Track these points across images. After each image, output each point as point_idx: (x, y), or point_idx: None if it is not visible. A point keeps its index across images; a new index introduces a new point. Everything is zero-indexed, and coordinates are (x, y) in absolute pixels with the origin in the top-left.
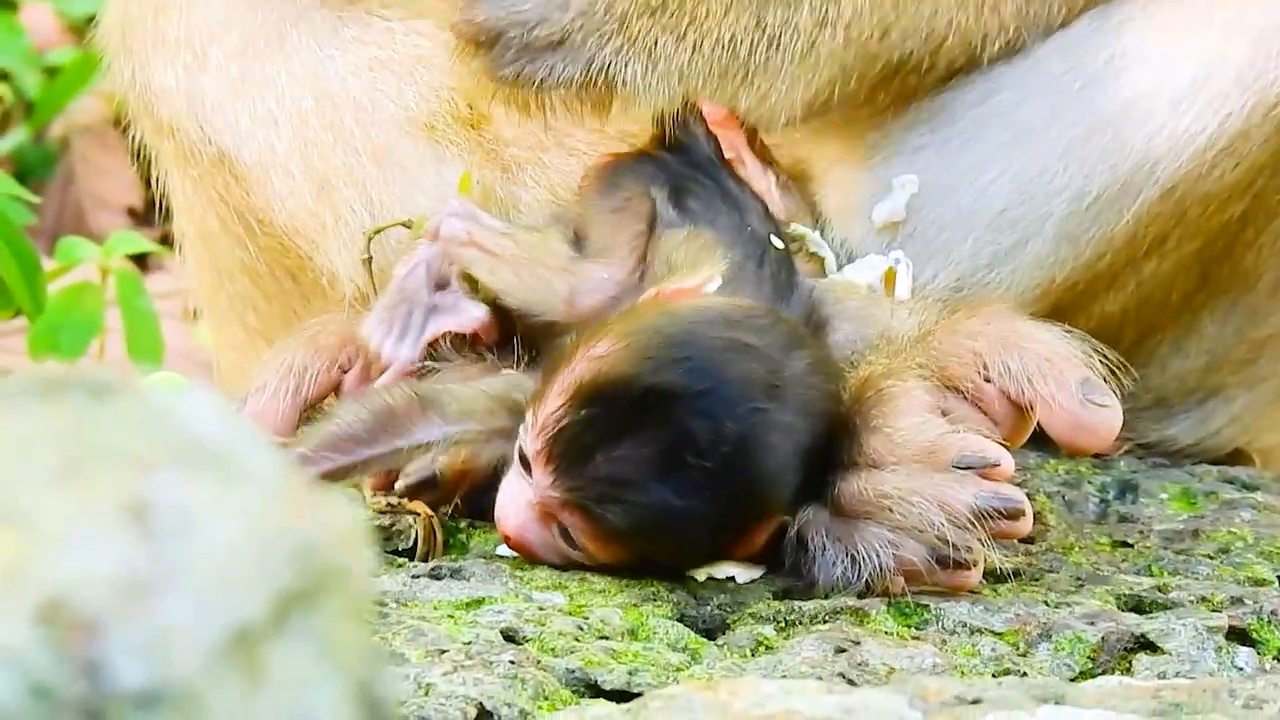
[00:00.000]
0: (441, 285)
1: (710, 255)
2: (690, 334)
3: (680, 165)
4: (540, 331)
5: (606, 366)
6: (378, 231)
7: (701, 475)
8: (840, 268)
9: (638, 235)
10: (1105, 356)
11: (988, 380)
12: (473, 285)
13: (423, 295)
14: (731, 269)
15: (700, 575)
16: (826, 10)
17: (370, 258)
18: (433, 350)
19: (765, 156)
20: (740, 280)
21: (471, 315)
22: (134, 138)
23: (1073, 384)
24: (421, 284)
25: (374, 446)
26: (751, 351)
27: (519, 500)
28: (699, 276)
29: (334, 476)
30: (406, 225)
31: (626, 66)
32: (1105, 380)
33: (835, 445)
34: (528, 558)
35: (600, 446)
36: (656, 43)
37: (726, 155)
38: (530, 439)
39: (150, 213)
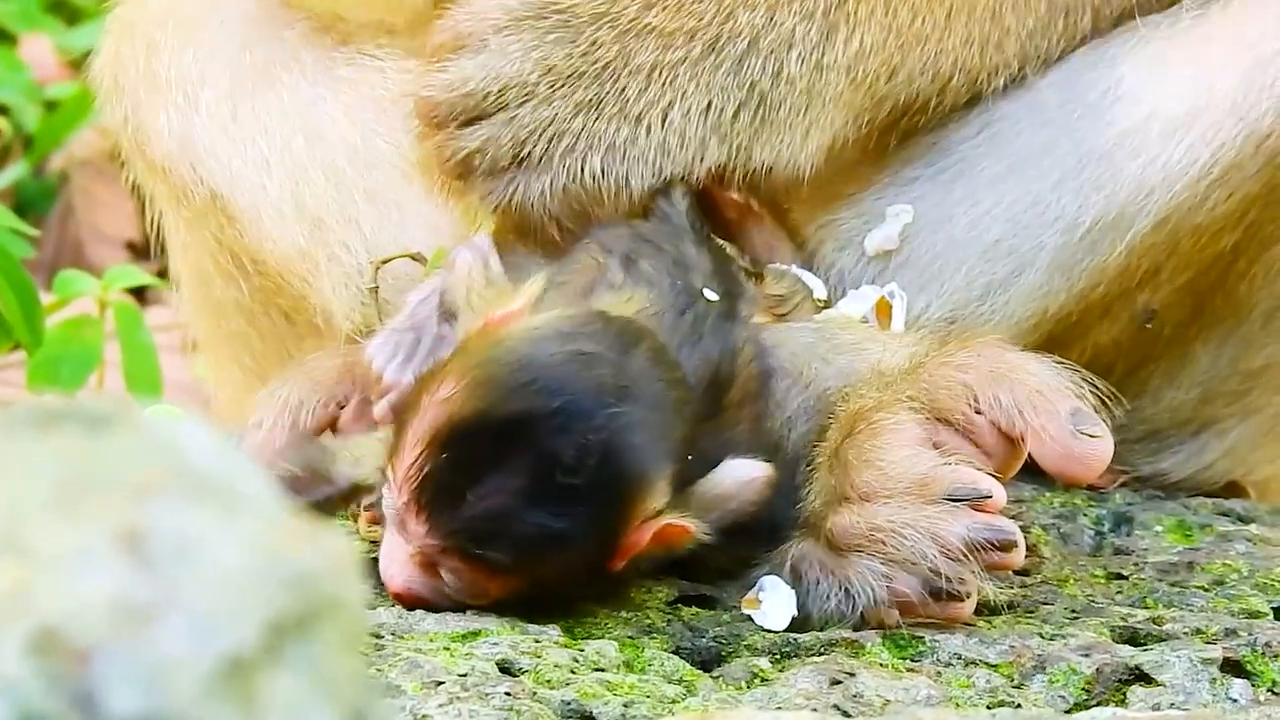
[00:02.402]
0: (450, 316)
1: (620, 309)
2: (529, 356)
3: (647, 231)
4: None
5: (456, 407)
6: (385, 262)
7: (574, 491)
8: (833, 298)
9: (572, 301)
10: (1096, 387)
11: (978, 412)
12: None
13: (431, 324)
14: (647, 318)
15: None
16: (821, 55)
17: (376, 287)
18: None
19: (735, 205)
20: (654, 325)
21: None
22: (128, 176)
23: (1063, 415)
24: (433, 313)
25: (312, 494)
26: (592, 358)
27: (398, 556)
28: (519, 297)
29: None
30: (414, 258)
31: (585, 165)
32: (1096, 411)
33: (697, 429)
34: (423, 607)
35: (468, 487)
36: (608, 134)
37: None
38: (395, 495)
39: (149, 246)
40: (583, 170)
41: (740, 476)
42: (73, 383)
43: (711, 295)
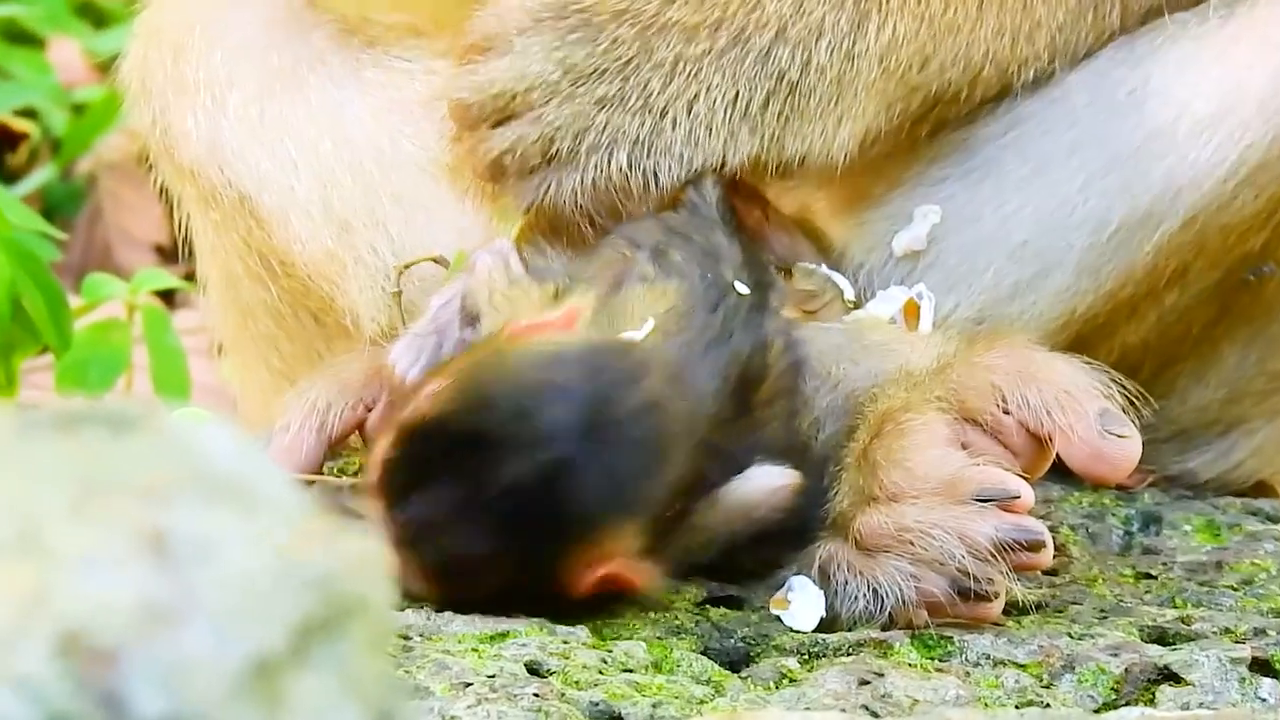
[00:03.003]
0: (473, 320)
1: (653, 303)
2: (507, 375)
3: (676, 223)
4: None
5: (428, 406)
6: (408, 266)
7: (504, 519)
8: (861, 300)
9: (598, 299)
10: (1124, 387)
11: (1006, 412)
12: None
13: (453, 328)
14: (679, 315)
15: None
16: (852, 44)
17: (400, 291)
18: None
19: (761, 204)
20: (685, 323)
21: None
22: (156, 179)
23: (1091, 415)
24: (455, 317)
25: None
26: (569, 393)
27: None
28: (554, 312)
29: None
30: (437, 261)
31: (611, 160)
32: (1125, 411)
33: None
34: None
35: (414, 486)
36: (632, 128)
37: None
38: (370, 477)
39: (177, 249)
40: (610, 165)
41: (767, 484)
42: (101, 386)
43: (743, 289)
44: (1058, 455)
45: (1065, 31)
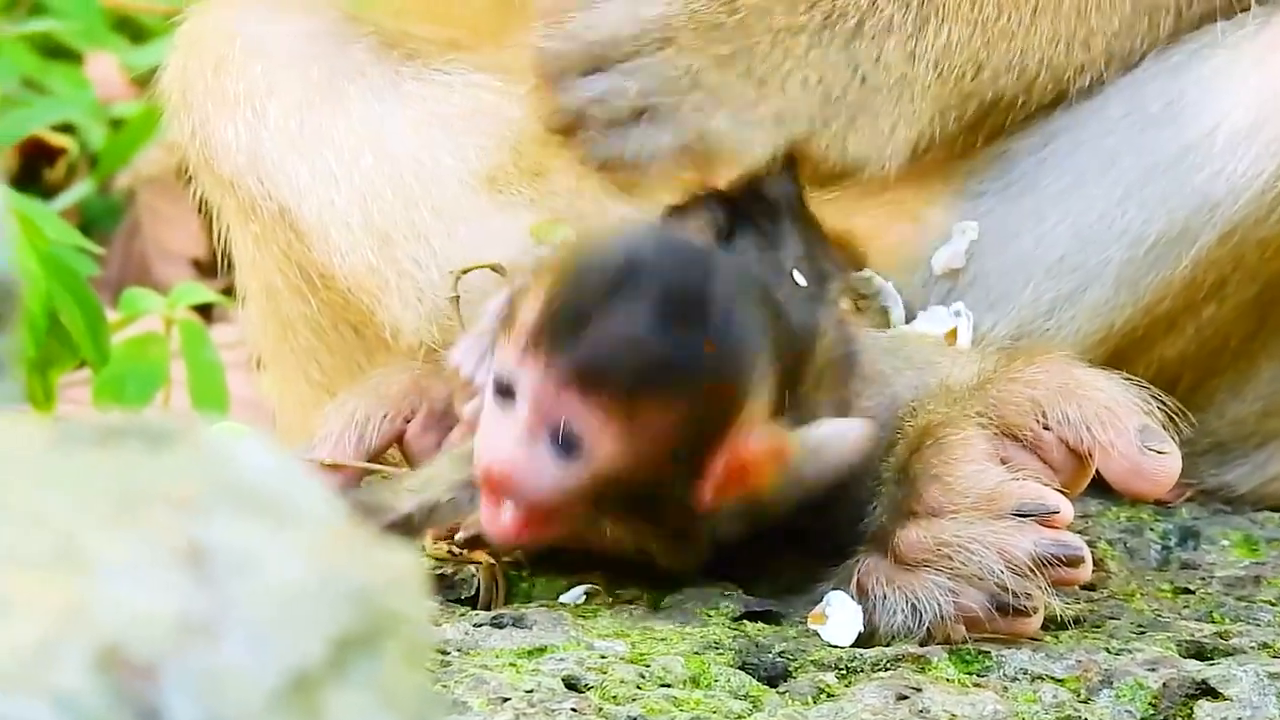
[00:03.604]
0: None
1: None
2: (654, 227)
3: (740, 207)
4: None
5: (580, 253)
6: (465, 272)
7: (697, 330)
8: (908, 318)
9: None
10: (1163, 403)
11: (1046, 428)
12: None
13: None
14: None
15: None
16: (915, 45)
17: (457, 295)
18: None
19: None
20: None
21: None
22: (196, 192)
23: (1132, 431)
24: None
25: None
26: (716, 249)
27: (501, 426)
28: None
29: None
30: (494, 269)
31: (711, 121)
32: (1164, 427)
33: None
34: (507, 496)
35: (593, 311)
36: (736, 93)
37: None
38: (510, 355)
39: (215, 264)
40: (708, 127)
41: (842, 430)
42: (138, 400)
43: (800, 280)
44: (1097, 471)
45: (1120, 38)
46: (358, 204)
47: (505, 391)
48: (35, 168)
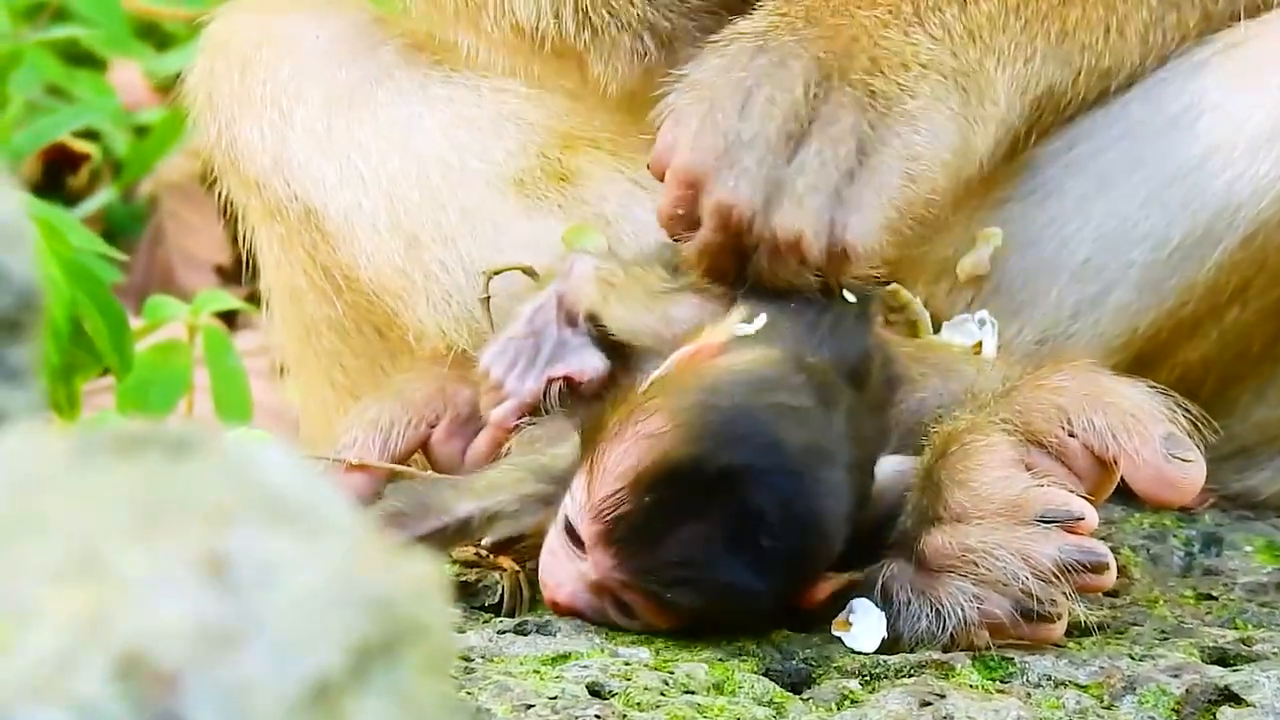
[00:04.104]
0: (572, 320)
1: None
2: (742, 408)
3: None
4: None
5: (666, 447)
6: (497, 273)
7: (772, 552)
8: (936, 328)
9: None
10: (1188, 411)
11: (1072, 435)
12: (599, 330)
13: (552, 330)
14: (783, 313)
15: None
16: (990, 38)
17: (489, 297)
18: (547, 390)
19: None
20: (792, 325)
21: (592, 364)
22: (221, 194)
23: (1157, 439)
24: (551, 319)
25: (421, 526)
26: (804, 414)
27: (569, 571)
28: (721, 330)
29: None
30: (526, 271)
31: (917, 136)
32: (1189, 435)
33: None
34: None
35: (668, 530)
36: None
37: None
38: (583, 518)
39: (238, 270)
40: (915, 143)
41: (896, 468)
42: (162, 407)
43: (850, 297)
44: (1121, 478)
45: (1154, 30)
46: (384, 206)
47: (573, 536)
48: (59, 175)
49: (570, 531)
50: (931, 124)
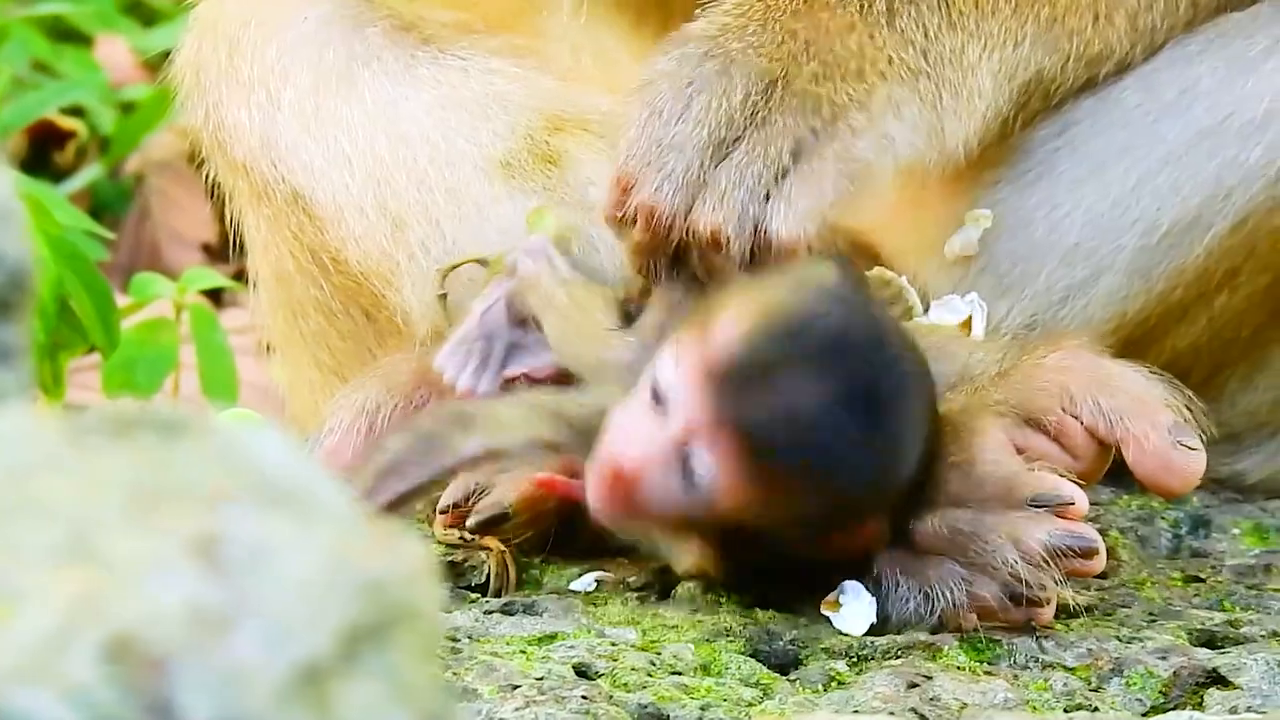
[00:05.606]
0: (519, 323)
1: None
2: (873, 305)
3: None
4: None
5: (796, 300)
6: (453, 268)
7: (868, 431)
8: (925, 309)
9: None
10: (1190, 399)
11: (1074, 415)
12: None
13: (504, 331)
14: None
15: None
16: (975, 24)
17: (445, 294)
18: (506, 388)
19: None
20: None
21: (547, 361)
22: (208, 175)
23: (1165, 425)
24: (502, 319)
25: (425, 469)
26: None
27: (645, 432)
28: None
29: (396, 505)
30: (481, 262)
31: (857, 140)
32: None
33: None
34: (621, 506)
35: (780, 374)
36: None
37: None
38: (677, 369)
39: (225, 248)
40: (854, 146)
41: None
42: (148, 386)
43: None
44: (1120, 461)
45: (1141, 16)
46: (371, 188)
47: (660, 399)
48: (45, 151)
49: (656, 393)
50: (881, 129)
